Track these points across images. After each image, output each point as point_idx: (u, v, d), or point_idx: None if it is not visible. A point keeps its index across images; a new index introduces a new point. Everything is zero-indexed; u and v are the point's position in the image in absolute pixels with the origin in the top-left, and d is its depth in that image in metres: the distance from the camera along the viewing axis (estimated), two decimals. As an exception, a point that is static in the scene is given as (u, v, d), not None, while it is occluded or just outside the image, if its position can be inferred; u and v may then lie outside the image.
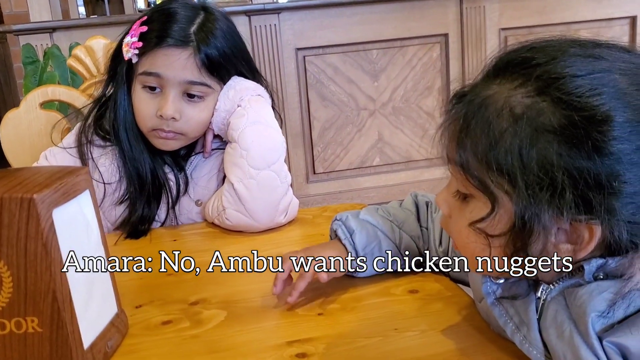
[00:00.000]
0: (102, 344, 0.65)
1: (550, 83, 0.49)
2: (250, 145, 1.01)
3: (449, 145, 0.55)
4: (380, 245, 0.77)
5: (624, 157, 0.48)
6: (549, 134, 0.48)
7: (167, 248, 0.95)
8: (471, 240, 0.56)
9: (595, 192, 0.48)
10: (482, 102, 0.52)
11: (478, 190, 0.53)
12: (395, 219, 0.80)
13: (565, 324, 0.53)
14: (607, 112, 0.47)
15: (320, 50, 2.50)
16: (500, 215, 0.52)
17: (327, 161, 2.63)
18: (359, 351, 0.63)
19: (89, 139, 1.10)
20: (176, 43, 1.01)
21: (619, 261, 0.51)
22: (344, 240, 0.77)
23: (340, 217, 0.80)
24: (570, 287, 0.54)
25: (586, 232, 0.50)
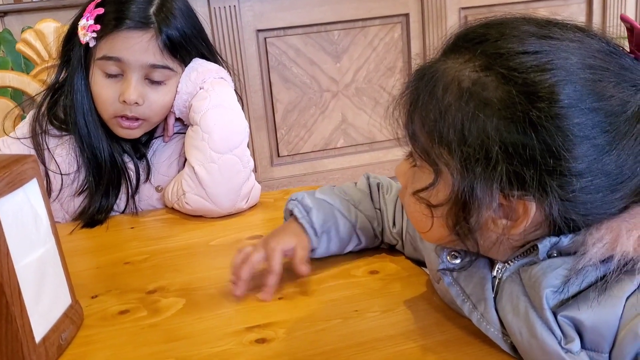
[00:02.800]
0: (55, 337, 0.63)
1: (496, 58, 0.50)
2: (213, 128, 0.99)
3: (404, 118, 0.56)
4: (337, 224, 0.77)
5: (570, 134, 0.47)
6: (489, 109, 0.49)
7: (124, 236, 0.93)
8: (416, 210, 0.57)
9: (529, 168, 0.48)
10: (433, 76, 0.53)
11: (423, 161, 0.54)
12: (351, 199, 0.79)
13: (520, 301, 0.54)
14: (550, 89, 0.47)
15: (282, 32, 2.47)
16: (440, 185, 0.53)
17: (291, 144, 2.62)
18: (319, 334, 0.63)
19: (43, 129, 1.06)
20: (136, 25, 0.97)
21: (572, 239, 0.51)
22: (301, 219, 0.75)
23: (296, 197, 0.78)
24: (524, 265, 0.55)
25: (520, 208, 0.51)
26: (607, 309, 0.49)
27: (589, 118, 0.48)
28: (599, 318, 0.49)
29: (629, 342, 0.48)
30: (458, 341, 0.60)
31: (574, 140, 0.48)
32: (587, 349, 0.50)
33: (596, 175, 0.49)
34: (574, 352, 0.50)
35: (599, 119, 0.48)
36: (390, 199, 0.79)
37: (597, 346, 0.50)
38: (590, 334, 0.50)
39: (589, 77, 0.48)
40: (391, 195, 0.80)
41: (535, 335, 0.52)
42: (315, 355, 0.59)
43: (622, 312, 0.48)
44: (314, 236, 0.75)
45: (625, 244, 0.49)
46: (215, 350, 0.62)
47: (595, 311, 0.49)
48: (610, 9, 2.71)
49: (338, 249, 0.78)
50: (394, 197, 0.79)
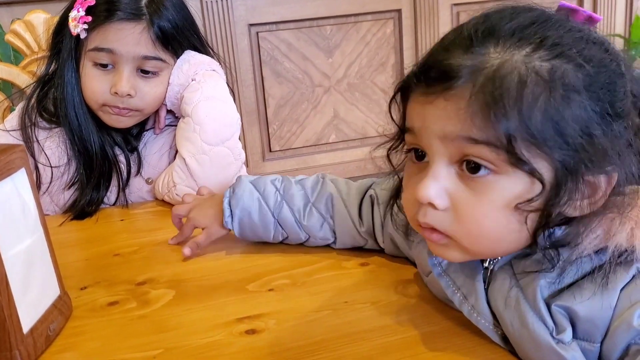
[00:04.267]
0: (43, 328, 0.62)
1: (557, 46, 0.49)
2: (204, 120, 0.99)
3: (456, 126, 0.49)
4: (264, 215, 0.79)
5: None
6: (577, 94, 0.48)
7: (114, 228, 0.92)
8: (505, 223, 0.50)
9: (616, 141, 0.49)
10: (499, 70, 0.47)
11: (514, 167, 0.48)
12: (284, 190, 0.80)
13: (512, 292, 0.54)
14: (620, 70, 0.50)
15: (274, 27, 2.46)
16: (534, 188, 0.49)
17: (283, 139, 2.61)
18: (309, 325, 0.63)
19: (33, 121, 1.05)
20: (128, 17, 0.97)
21: (565, 230, 0.51)
22: (225, 200, 0.80)
23: (244, 179, 0.81)
24: (517, 256, 0.55)
25: (604, 183, 0.49)
26: (602, 299, 0.49)
27: None
28: (592, 308, 0.49)
29: (621, 333, 0.48)
30: (448, 332, 0.60)
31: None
32: (579, 339, 0.50)
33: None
34: (566, 342, 0.50)
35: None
36: (352, 201, 0.77)
37: (590, 336, 0.50)
38: (583, 324, 0.50)
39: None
40: (352, 197, 0.77)
41: (526, 326, 0.52)
42: (305, 345, 0.59)
43: (616, 302, 0.49)
44: (230, 220, 0.79)
45: (618, 235, 0.49)
46: (204, 341, 0.62)
47: (590, 301, 0.49)
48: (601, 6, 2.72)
49: (264, 236, 0.80)
50: (355, 197, 0.77)
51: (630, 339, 0.48)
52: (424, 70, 0.51)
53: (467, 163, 0.50)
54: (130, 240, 0.88)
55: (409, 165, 0.57)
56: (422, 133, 0.52)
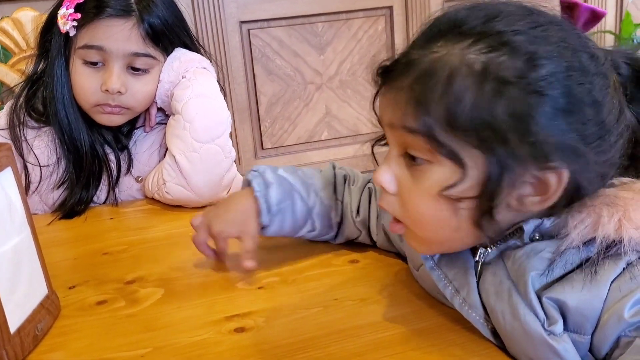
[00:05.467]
0: (31, 327, 0.62)
1: (499, 39, 0.49)
2: (195, 117, 0.99)
3: (396, 116, 0.52)
4: (294, 205, 0.74)
5: (594, 93, 0.50)
6: (513, 87, 0.48)
7: (103, 227, 0.92)
8: (435, 212, 0.53)
9: (563, 135, 0.48)
10: (432, 65, 0.50)
11: (443, 156, 0.50)
12: (314, 184, 0.76)
13: (504, 284, 0.54)
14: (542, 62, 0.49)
15: (265, 24, 2.45)
16: (469, 176, 0.50)
17: (275, 136, 2.60)
18: (299, 322, 0.63)
19: (21, 120, 1.04)
20: (117, 13, 0.96)
21: (554, 221, 0.52)
22: (257, 193, 0.72)
23: (257, 169, 0.76)
24: (507, 249, 0.55)
25: (554, 179, 0.50)
26: (592, 291, 0.49)
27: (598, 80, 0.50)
28: (583, 300, 0.49)
29: (612, 325, 0.48)
30: (438, 328, 0.60)
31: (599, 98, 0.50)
32: (569, 331, 0.51)
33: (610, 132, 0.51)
34: (557, 334, 0.50)
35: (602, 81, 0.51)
36: (355, 189, 0.77)
37: (580, 328, 0.50)
38: (573, 316, 0.50)
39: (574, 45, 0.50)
40: (357, 186, 0.78)
41: (518, 318, 0.52)
42: (295, 343, 0.59)
43: (607, 294, 0.49)
44: (267, 213, 0.72)
45: (606, 226, 0.49)
46: (194, 340, 0.61)
47: (580, 293, 0.50)
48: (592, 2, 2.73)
49: (291, 231, 0.75)
50: (360, 187, 0.78)
51: (620, 331, 0.48)
52: (382, 66, 0.55)
53: (407, 153, 0.54)
54: (119, 239, 0.88)
55: None
56: (381, 123, 0.57)
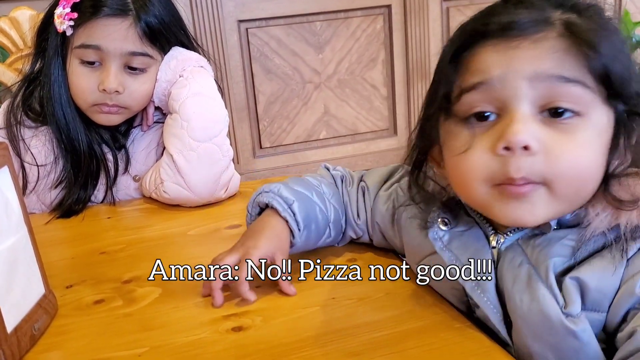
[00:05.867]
0: (27, 327, 0.62)
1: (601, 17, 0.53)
2: (192, 116, 0.98)
3: (547, 66, 0.51)
4: (316, 217, 0.73)
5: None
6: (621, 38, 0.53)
7: (100, 226, 0.92)
8: (594, 162, 0.52)
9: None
10: (576, 17, 0.52)
11: (603, 104, 0.52)
12: (324, 192, 0.76)
13: (523, 269, 0.54)
14: None
15: (263, 23, 2.45)
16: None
17: (273, 135, 2.60)
18: (296, 322, 0.63)
19: (18, 120, 1.04)
20: (114, 12, 0.96)
21: (575, 213, 0.53)
22: (284, 213, 0.70)
23: (270, 189, 0.72)
24: (523, 237, 0.55)
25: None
26: (612, 270, 0.50)
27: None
28: (603, 278, 0.51)
29: (624, 299, 0.50)
30: (435, 327, 0.60)
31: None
32: (587, 310, 0.51)
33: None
34: (575, 315, 0.51)
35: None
36: (352, 191, 0.78)
37: (599, 306, 0.51)
38: (593, 294, 0.51)
39: None
40: (353, 188, 0.78)
41: (537, 300, 0.52)
42: (292, 342, 0.59)
43: (624, 271, 0.50)
44: (298, 231, 0.70)
45: (628, 213, 0.50)
46: (190, 339, 0.61)
47: (602, 273, 0.51)
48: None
49: (313, 244, 0.75)
50: (355, 189, 0.78)
51: (631, 305, 0.49)
52: (500, 22, 0.52)
53: (550, 109, 0.51)
54: (116, 238, 0.88)
55: (458, 132, 0.55)
56: (504, 79, 0.51)
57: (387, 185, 0.75)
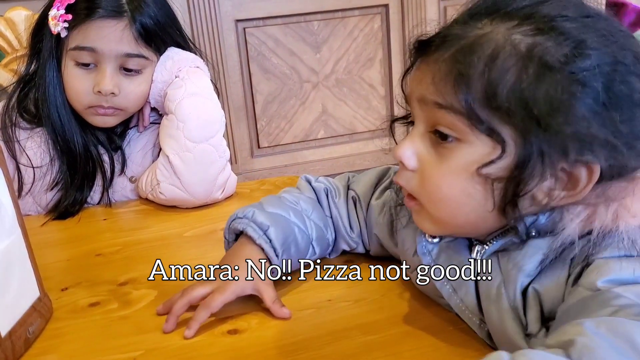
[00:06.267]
0: (22, 330, 0.61)
1: (547, 23, 0.48)
2: (188, 117, 0.98)
3: (429, 90, 0.51)
4: (296, 239, 0.69)
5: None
6: (556, 73, 0.47)
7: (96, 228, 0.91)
8: (461, 190, 0.51)
9: (599, 127, 0.47)
10: (475, 40, 0.49)
11: (481, 133, 0.49)
12: (303, 209, 0.72)
13: (495, 282, 0.53)
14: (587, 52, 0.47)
15: (261, 22, 2.44)
16: (507, 153, 0.49)
17: (271, 135, 2.60)
18: (292, 324, 0.62)
19: (13, 121, 1.04)
20: (109, 14, 0.96)
21: (549, 216, 0.51)
22: (259, 240, 0.67)
23: (244, 214, 0.69)
24: (503, 246, 0.54)
25: (585, 173, 0.48)
26: (557, 272, 0.50)
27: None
28: (552, 283, 0.50)
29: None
30: (430, 330, 0.59)
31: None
32: (547, 321, 0.50)
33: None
34: (534, 333, 0.50)
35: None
36: (341, 203, 0.74)
37: (554, 310, 0.50)
38: (547, 304, 0.50)
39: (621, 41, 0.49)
40: (341, 199, 0.74)
41: (502, 317, 0.52)
42: (288, 345, 0.59)
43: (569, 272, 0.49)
44: (275, 257, 0.67)
45: (603, 216, 0.48)
46: (186, 342, 0.61)
47: (550, 278, 0.50)
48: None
49: (296, 264, 0.71)
50: (344, 199, 0.74)
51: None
52: (419, 39, 0.54)
53: (437, 131, 0.52)
54: (112, 240, 0.88)
55: None
56: (410, 98, 0.55)
57: (377, 192, 0.73)
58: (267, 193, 0.93)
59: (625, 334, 0.40)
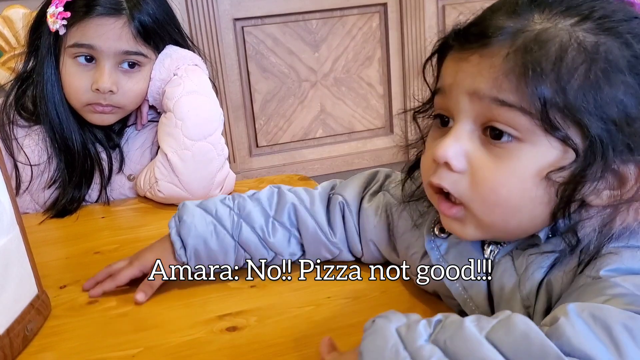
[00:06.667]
0: (20, 328, 0.61)
1: (608, 23, 0.47)
2: (186, 115, 0.98)
3: (487, 85, 0.48)
4: (216, 234, 0.69)
5: None
6: (620, 73, 0.46)
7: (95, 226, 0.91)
8: (520, 194, 0.48)
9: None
10: (539, 36, 0.47)
11: (550, 135, 0.47)
12: (239, 209, 0.71)
13: (508, 285, 0.53)
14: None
15: (259, 21, 2.44)
16: (566, 159, 0.47)
17: (270, 134, 2.60)
18: (291, 321, 0.62)
19: (11, 119, 1.03)
20: (108, 12, 0.95)
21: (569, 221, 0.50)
22: (172, 232, 0.70)
23: (184, 203, 0.72)
24: (518, 247, 0.53)
25: (634, 173, 0.47)
26: (567, 262, 0.49)
27: None
28: (561, 273, 0.50)
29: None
30: (430, 326, 0.59)
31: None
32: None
33: None
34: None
35: None
36: (317, 209, 0.71)
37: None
38: (556, 294, 0.50)
39: None
40: (316, 206, 0.71)
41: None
42: (287, 342, 0.59)
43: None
44: (181, 249, 0.69)
45: (624, 214, 0.48)
46: (185, 339, 0.61)
47: (560, 269, 0.50)
48: None
49: (220, 262, 0.70)
50: (322, 206, 0.72)
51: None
52: (465, 29, 0.51)
53: (491, 129, 0.49)
54: (111, 238, 0.87)
55: (433, 131, 0.56)
56: (451, 90, 0.51)
57: (367, 196, 0.71)
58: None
59: (605, 321, 0.40)
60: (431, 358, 0.40)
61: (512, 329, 0.41)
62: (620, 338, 0.39)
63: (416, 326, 0.43)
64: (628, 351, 0.39)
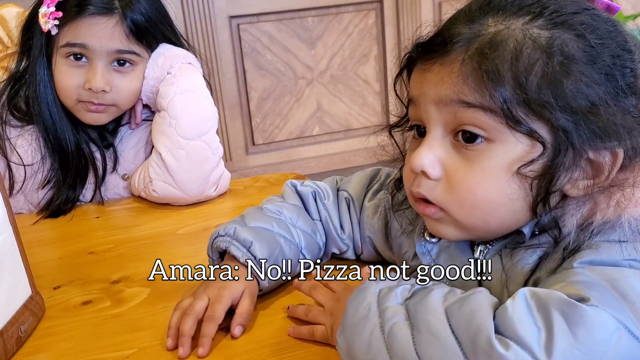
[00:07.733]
0: (14, 329, 0.61)
1: (559, 17, 0.49)
2: (180, 114, 0.98)
3: (451, 90, 0.49)
4: (283, 251, 0.66)
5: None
6: (577, 64, 0.47)
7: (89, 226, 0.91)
8: (495, 191, 0.49)
9: (620, 114, 0.48)
10: (494, 38, 0.49)
11: (517, 131, 0.48)
12: (287, 218, 0.70)
13: (497, 285, 0.53)
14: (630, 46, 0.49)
15: (255, 18, 2.44)
16: (535, 154, 0.48)
17: (266, 132, 2.60)
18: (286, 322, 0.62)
19: (3, 119, 1.03)
20: (100, 11, 0.95)
21: (551, 215, 0.50)
22: (243, 258, 0.64)
23: (226, 231, 0.66)
24: (506, 246, 0.54)
25: (609, 159, 0.48)
26: (552, 260, 0.50)
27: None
28: (546, 272, 0.50)
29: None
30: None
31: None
32: None
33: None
34: None
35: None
36: (330, 204, 0.72)
37: None
38: None
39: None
40: (330, 200, 0.72)
41: None
42: (282, 342, 0.59)
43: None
44: (260, 274, 0.64)
45: (604, 207, 0.48)
46: (179, 340, 0.60)
47: (545, 267, 0.51)
48: None
49: (287, 276, 0.68)
50: (333, 201, 0.73)
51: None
52: (426, 41, 0.52)
53: (462, 133, 0.50)
54: (105, 238, 0.87)
55: (411, 142, 0.57)
56: (420, 101, 0.53)
57: (370, 194, 0.72)
58: (260, 190, 0.93)
59: (547, 306, 0.42)
60: (393, 318, 0.46)
61: (466, 303, 0.44)
62: (555, 323, 0.41)
63: (395, 289, 0.49)
64: (558, 336, 0.41)
